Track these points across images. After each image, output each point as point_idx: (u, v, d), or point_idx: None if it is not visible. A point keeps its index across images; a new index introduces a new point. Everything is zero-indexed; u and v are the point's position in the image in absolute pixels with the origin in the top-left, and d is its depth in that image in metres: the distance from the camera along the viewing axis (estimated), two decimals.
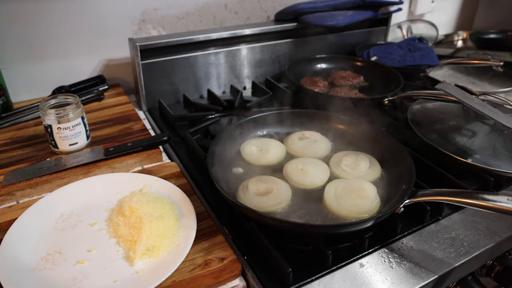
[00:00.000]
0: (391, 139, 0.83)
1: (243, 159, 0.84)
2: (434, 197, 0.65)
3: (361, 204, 0.69)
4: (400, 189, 0.72)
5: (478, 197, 0.57)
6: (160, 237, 0.64)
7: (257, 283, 0.61)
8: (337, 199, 0.71)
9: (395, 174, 0.78)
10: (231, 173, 0.81)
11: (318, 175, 0.78)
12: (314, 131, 0.91)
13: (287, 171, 0.80)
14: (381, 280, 0.63)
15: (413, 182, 0.69)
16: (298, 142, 0.88)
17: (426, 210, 0.73)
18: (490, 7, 1.87)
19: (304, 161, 0.81)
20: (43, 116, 0.84)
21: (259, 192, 0.73)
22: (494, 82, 1.33)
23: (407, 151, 0.78)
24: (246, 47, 1.23)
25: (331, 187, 0.74)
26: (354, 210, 0.69)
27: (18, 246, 0.63)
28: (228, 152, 0.85)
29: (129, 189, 0.76)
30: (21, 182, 0.79)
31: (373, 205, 0.70)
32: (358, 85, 1.24)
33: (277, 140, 0.89)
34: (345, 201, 0.70)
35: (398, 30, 1.66)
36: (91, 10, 1.09)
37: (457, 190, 0.61)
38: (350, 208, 0.69)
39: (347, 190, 0.73)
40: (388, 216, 0.65)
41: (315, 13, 1.26)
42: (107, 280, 0.59)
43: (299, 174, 0.78)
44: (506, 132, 0.91)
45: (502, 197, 0.57)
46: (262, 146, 0.86)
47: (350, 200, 0.70)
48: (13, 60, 1.07)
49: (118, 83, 1.22)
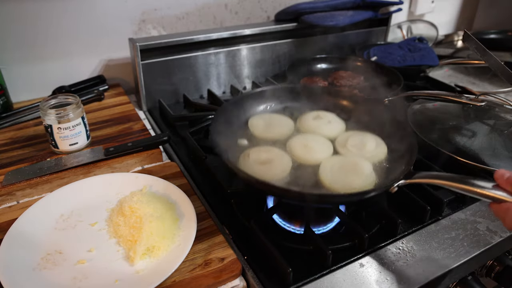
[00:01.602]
0: (398, 116, 0.82)
1: (250, 132, 0.85)
2: (430, 180, 0.63)
3: (354, 180, 0.70)
4: (399, 169, 0.71)
5: (475, 184, 0.57)
6: (160, 237, 0.64)
7: (257, 283, 0.61)
8: (332, 175, 0.71)
9: (398, 154, 0.77)
10: (235, 143, 0.81)
11: (319, 152, 0.79)
12: (329, 112, 0.91)
13: (290, 145, 0.80)
14: (381, 280, 0.63)
15: (412, 163, 0.68)
16: (312, 121, 0.87)
17: (426, 210, 0.73)
18: (490, 7, 1.87)
19: (309, 137, 0.82)
20: (43, 116, 0.84)
21: (260, 161, 0.73)
22: (494, 82, 1.33)
23: (412, 130, 0.77)
24: (246, 47, 1.23)
25: (327, 164, 0.74)
26: (348, 186, 0.69)
27: (18, 246, 0.63)
28: (235, 122, 0.85)
29: (129, 189, 0.76)
30: (21, 182, 0.79)
31: (368, 182, 0.70)
32: (358, 85, 1.24)
33: (286, 117, 0.89)
34: (339, 177, 0.70)
35: (398, 30, 1.66)
36: (91, 10, 1.09)
37: (455, 176, 0.60)
38: (344, 184, 0.69)
39: (342, 166, 0.73)
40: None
41: (315, 13, 1.26)
42: (107, 280, 0.59)
43: (302, 149, 0.78)
44: (506, 132, 0.91)
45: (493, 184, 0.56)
46: (270, 120, 0.86)
47: (344, 176, 0.70)
48: (13, 60, 1.07)
49: (118, 83, 1.22)
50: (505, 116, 0.97)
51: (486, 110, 0.99)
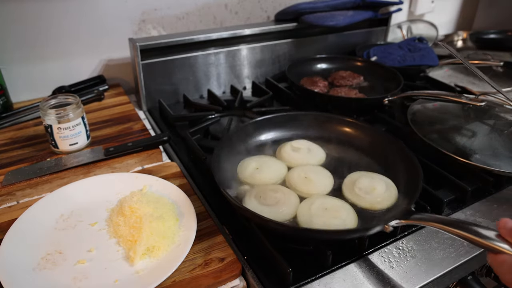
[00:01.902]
0: (402, 148, 0.79)
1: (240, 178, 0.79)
2: (427, 223, 0.60)
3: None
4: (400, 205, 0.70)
5: (472, 231, 0.53)
6: (160, 237, 0.64)
7: (257, 283, 0.61)
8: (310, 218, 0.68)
9: (401, 184, 0.75)
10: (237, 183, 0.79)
11: (323, 182, 0.76)
12: (303, 140, 0.87)
13: (291, 181, 0.77)
14: (381, 280, 0.63)
15: (413, 202, 0.65)
16: (293, 153, 0.83)
17: (426, 210, 0.73)
18: (490, 7, 1.87)
19: (306, 169, 0.79)
20: (43, 116, 0.84)
21: (268, 203, 0.70)
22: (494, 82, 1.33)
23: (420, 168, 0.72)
24: (246, 47, 1.23)
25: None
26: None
27: (18, 246, 0.63)
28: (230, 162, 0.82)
29: (129, 189, 0.76)
30: (21, 182, 0.79)
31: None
32: (358, 85, 1.24)
33: (276, 159, 0.84)
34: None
35: (398, 30, 1.66)
36: (91, 10, 1.09)
37: (452, 220, 0.58)
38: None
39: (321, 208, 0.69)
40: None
41: (315, 13, 1.26)
42: (107, 280, 0.59)
43: (304, 183, 0.76)
44: (506, 132, 0.91)
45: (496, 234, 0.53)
46: (260, 165, 0.80)
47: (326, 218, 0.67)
48: (13, 60, 1.07)
49: (118, 83, 1.22)
50: (505, 116, 0.97)
51: (486, 110, 0.98)
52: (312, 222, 0.66)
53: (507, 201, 0.80)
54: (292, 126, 0.92)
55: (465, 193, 0.78)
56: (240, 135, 0.86)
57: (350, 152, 0.87)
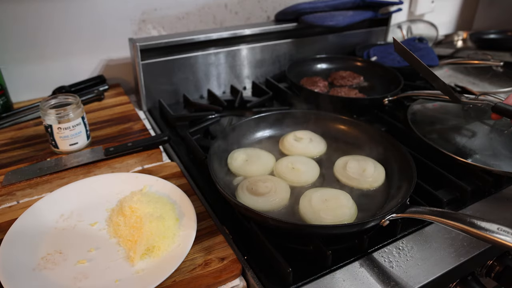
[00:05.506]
0: (396, 144, 0.81)
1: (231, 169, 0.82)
2: (423, 216, 0.62)
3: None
4: (395, 199, 0.71)
5: (467, 222, 0.54)
6: (161, 237, 0.64)
7: (257, 283, 0.61)
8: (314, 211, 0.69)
9: (396, 178, 0.77)
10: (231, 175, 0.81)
11: (310, 173, 0.79)
12: (306, 131, 0.90)
13: (279, 170, 0.80)
14: (381, 280, 0.63)
15: (408, 196, 0.66)
16: (295, 143, 0.87)
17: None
18: (490, 7, 1.87)
19: (293, 159, 0.82)
20: (43, 116, 0.84)
21: (258, 192, 0.72)
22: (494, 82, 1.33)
23: (413, 161, 0.75)
24: (246, 47, 1.23)
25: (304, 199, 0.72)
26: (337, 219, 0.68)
27: (18, 246, 0.63)
28: (225, 153, 0.85)
29: (129, 189, 0.76)
30: (21, 182, 0.79)
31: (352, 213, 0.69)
32: (358, 85, 1.24)
33: (265, 151, 0.86)
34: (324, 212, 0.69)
35: (398, 30, 1.66)
36: (91, 10, 1.09)
37: (447, 212, 0.58)
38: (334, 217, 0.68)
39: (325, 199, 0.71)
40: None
41: (315, 13, 1.26)
42: (108, 280, 0.59)
43: (291, 172, 0.79)
44: (506, 132, 0.91)
45: (492, 225, 0.54)
46: (251, 156, 0.83)
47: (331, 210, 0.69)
48: (13, 60, 1.07)
49: (118, 83, 1.22)
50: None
51: (486, 110, 0.99)
52: (321, 217, 0.68)
53: (507, 201, 0.80)
54: (288, 124, 0.94)
55: (465, 193, 0.78)
56: (239, 130, 0.88)
57: (345, 146, 0.89)
